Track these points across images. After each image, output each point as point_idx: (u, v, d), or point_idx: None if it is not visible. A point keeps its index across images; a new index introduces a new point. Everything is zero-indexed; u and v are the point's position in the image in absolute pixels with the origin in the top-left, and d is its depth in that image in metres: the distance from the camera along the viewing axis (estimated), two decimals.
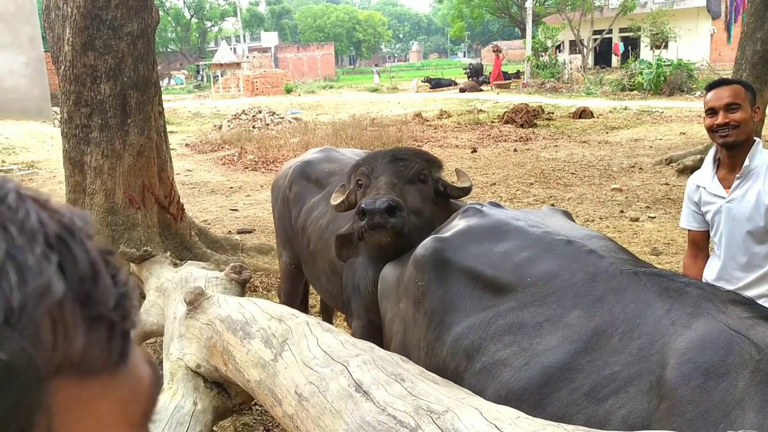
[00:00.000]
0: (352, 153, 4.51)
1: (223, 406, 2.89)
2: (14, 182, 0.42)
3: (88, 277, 0.40)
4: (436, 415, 1.59)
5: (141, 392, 0.45)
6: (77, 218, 0.43)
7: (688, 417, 1.45)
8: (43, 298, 0.37)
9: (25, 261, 0.37)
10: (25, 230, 0.39)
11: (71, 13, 5.43)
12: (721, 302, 1.64)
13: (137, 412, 0.44)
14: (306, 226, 4.02)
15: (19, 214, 0.39)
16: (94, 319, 0.40)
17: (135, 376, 0.44)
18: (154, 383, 0.47)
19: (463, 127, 18.69)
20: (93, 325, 0.40)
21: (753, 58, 10.08)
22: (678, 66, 25.29)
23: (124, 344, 0.43)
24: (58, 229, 0.41)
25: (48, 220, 0.41)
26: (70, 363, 0.38)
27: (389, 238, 2.67)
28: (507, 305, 2.00)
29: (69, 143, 5.80)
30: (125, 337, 0.43)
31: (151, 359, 0.49)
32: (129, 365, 0.43)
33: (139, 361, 0.46)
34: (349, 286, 3.50)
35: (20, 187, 0.42)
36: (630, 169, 11.35)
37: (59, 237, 0.40)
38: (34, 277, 0.37)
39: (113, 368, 0.42)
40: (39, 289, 0.37)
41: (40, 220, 0.40)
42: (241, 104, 26.16)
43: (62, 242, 0.40)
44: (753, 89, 3.15)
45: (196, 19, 72.64)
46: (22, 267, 0.37)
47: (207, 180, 12.42)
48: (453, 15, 54.18)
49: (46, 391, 0.37)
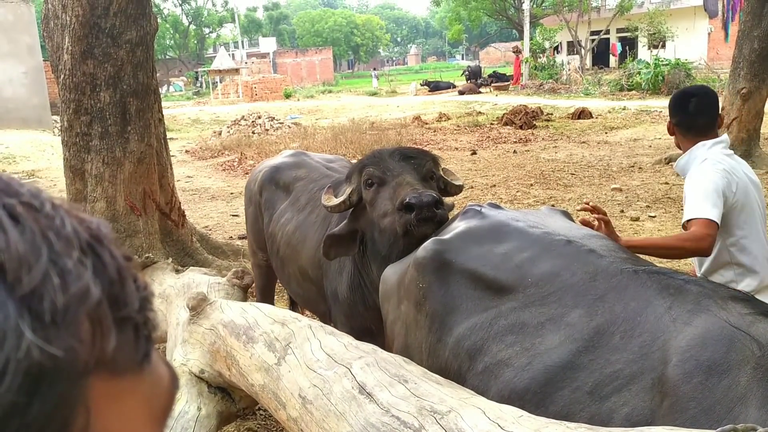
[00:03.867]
0: (321, 158, 4.53)
1: (227, 410, 2.89)
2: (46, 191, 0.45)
3: (116, 281, 0.43)
4: (439, 415, 1.60)
5: (162, 390, 0.48)
6: (102, 226, 0.46)
7: (690, 414, 1.46)
8: (83, 300, 0.40)
9: (65, 266, 0.40)
10: (62, 237, 0.41)
11: (70, 22, 5.44)
12: (722, 299, 1.64)
13: (159, 408, 0.47)
14: (275, 232, 4.07)
15: (56, 222, 0.41)
16: (122, 321, 0.43)
17: (157, 374, 0.47)
18: (172, 382, 0.50)
19: (462, 129, 18.69)
20: (121, 327, 0.43)
21: (750, 56, 10.11)
22: (676, 65, 25.32)
23: (148, 345, 0.46)
24: (89, 237, 0.43)
25: (79, 227, 0.43)
26: (104, 361, 0.41)
27: (434, 229, 2.70)
28: (508, 306, 2.01)
29: (69, 151, 5.82)
30: (148, 339, 0.46)
31: (167, 360, 0.51)
32: (152, 364, 0.46)
33: (159, 362, 0.48)
34: (329, 294, 3.54)
35: (52, 197, 0.44)
36: (629, 168, 11.36)
37: (89, 243, 0.43)
38: (74, 280, 0.40)
39: (139, 367, 0.45)
40: (79, 291, 0.40)
41: (74, 228, 0.42)
42: (241, 110, 26.20)
43: (92, 248, 0.43)
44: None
45: (194, 26, 72.69)
46: (63, 271, 0.40)
47: (207, 186, 12.44)
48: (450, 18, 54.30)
49: (85, 386, 0.40)
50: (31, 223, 0.40)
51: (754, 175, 3.27)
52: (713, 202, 2.95)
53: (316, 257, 3.59)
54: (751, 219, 3.11)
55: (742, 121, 10.25)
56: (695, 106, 3.24)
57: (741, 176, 3.12)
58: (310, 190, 3.94)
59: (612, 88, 27.43)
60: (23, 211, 0.40)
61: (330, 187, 3.35)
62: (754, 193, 3.16)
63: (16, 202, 0.41)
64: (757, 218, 3.13)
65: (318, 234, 3.61)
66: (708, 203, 2.95)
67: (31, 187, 0.44)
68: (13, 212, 0.40)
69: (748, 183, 3.14)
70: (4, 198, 0.41)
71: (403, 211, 2.72)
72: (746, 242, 3.10)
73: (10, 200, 0.41)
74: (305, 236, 3.75)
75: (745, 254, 3.11)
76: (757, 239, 3.12)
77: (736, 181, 3.07)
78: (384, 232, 2.91)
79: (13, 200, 0.41)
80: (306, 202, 3.89)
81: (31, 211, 0.41)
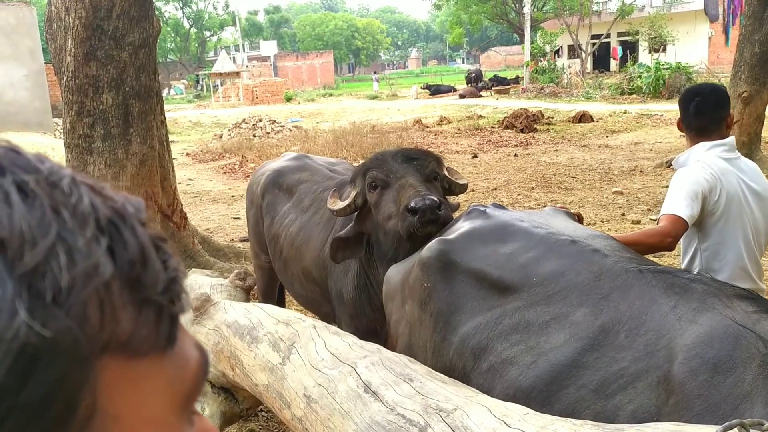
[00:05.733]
0: (324, 161, 4.54)
1: (230, 411, 2.90)
2: (70, 170, 0.43)
3: (137, 262, 0.42)
4: (445, 413, 1.60)
5: (187, 375, 0.46)
6: (130, 205, 0.45)
7: (696, 411, 1.46)
8: (91, 278, 0.38)
9: (75, 243, 0.39)
10: (77, 214, 0.40)
11: (73, 24, 5.46)
12: (727, 297, 1.65)
13: (181, 394, 0.46)
14: (278, 234, 4.06)
15: (72, 199, 0.40)
16: (142, 302, 0.42)
17: (182, 358, 0.46)
18: (202, 367, 0.48)
19: (463, 132, 18.71)
20: (141, 308, 0.41)
21: (751, 60, 10.12)
22: (677, 69, 25.34)
23: (172, 327, 0.44)
24: (110, 214, 0.42)
25: (101, 205, 0.42)
26: (118, 342, 0.40)
27: (438, 229, 2.70)
28: (513, 305, 2.01)
29: (72, 153, 5.82)
30: (173, 321, 0.45)
31: (200, 344, 0.50)
32: (176, 348, 0.45)
33: (187, 345, 0.47)
34: (333, 294, 3.54)
35: (76, 174, 0.43)
36: (631, 172, 11.36)
37: (110, 221, 0.42)
38: (83, 258, 0.38)
39: (160, 350, 0.43)
40: (87, 269, 0.38)
41: (93, 205, 0.41)
42: (241, 113, 26.21)
43: (113, 226, 0.41)
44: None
45: (196, 29, 72.82)
46: (72, 249, 0.38)
47: (209, 189, 12.45)
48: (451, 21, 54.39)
49: (92, 367, 0.38)
50: (44, 199, 0.39)
51: (758, 184, 3.15)
52: (688, 202, 2.93)
53: (320, 258, 3.59)
54: (730, 228, 3.05)
55: (743, 125, 10.25)
56: (695, 106, 3.22)
57: (732, 184, 3.05)
58: (314, 192, 3.94)
59: (613, 92, 27.46)
60: (37, 187, 0.39)
61: (335, 190, 3.36)
62: (743, 203, 3.06)
63: (32, 178, 0.40)
64: (737, 228, 3.05)
65: (322, 235, 3.61)
66: (682, 201, 2.93)
67: (53, 164, 0.43)
68: (24, 188, 0.39)
69: (738, 192, 3.05)
70: (21, 174, 0.40)
71: (406, 214, 2.73)
72: (720, 248, 3.07)
73: (26, 176, 0.40)
74: (309, 237, 3.75)
75: (717, 260, 3.08)
76: (734, 248, 3.06)
77: (722, 187, 3.02)
78: (388, 235, 2.92)
79: (30, 176, 0.40)
80: (310, 203, 3.89)
81: (47, 186, 0.40)
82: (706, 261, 3.11)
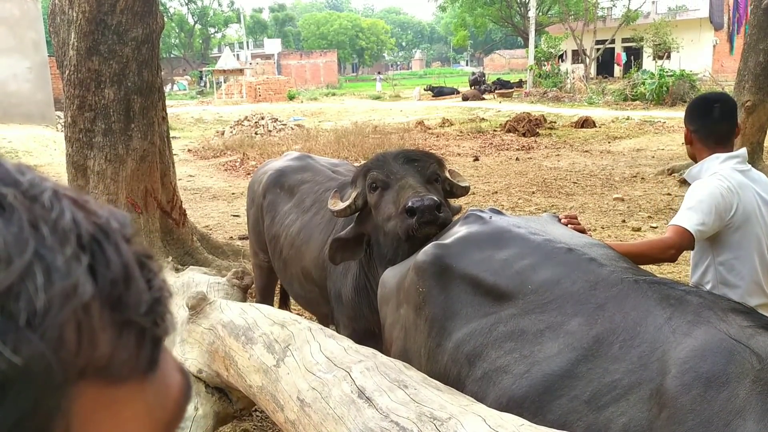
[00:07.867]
0: (326, 162, 4.53)
1: (224, 411, 2.89)
2: (52, 181, 0.41)
3: (119, 281, 0.39)
4: (439, 422, 1.59)
5: (168, 401, 0.44)
6: (115, 220, 0.42)
7: (688, 426, 1.45)
8: (69, 300, 0.36)
9: (53, 261, 0.36)
10: (57, 230, 0.38)
11: (77, 18, 5.45)
12: (722, 311, 1.64)
13: (162, 421, 0.43)
14: (278, 233, 4.06)
15: (52, 214, 0.38)
16: (123, 324, 0.39)
17: (164, 383, 0.44)
18: (184, 393, 0.46)
19: (465, 135, 18.71)
20: (122, 330, 0.39)
21: (756, 69, 10.12)
22: (680, 76, 25.34)
23: (154, 351, 0.42)
24: (93, 230, 0.40)
25: (83, 220, 0.40)
26: (95, 367, 0.38)
27: (438, 231, 2.69)
28: (508, 312, 2.01)
29: (72, 147, 5.82)
30: (156, 344, 0.42)
31: (183, 367, 0.47)
32: (158, 372, 0.42)
33: (169, 369, 0.45)
34: (332, 295, 3.53)
35: (59, 186, 0.41)
36: (632, 178, 11.36)
37: (93, 238, 0.39)
38: (61, 278, 0.36)
39: (141, 375, 0.41)
40: (65, 290, 0.36)
41: (75, 220, 0.39)
42: (244, 110, 26.22)
43: (96, 243, 0.39)
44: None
45: (200, 26, 72.77)
46: (50, 268, 0.36)
47: (209, 186, 12.44)
48: (456, 24, 54.28)
49: (66, 394, 0.36)
50: (22, 214, 0.37)
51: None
52: (699, 216, 2.87)
53: (320, 258, 3.59)
54: (746, 242, 3.00)
55: (745, 135, 10.24)
56: (720, 112, 3.12)
57: (749, 197, 2.99)
58: (316, 192, 3.93)
59: (616, 98, 27.43)
60: (15, 201, 0.37)
61: (336, 191, 3.35)
62: (758, 216, 3.01)
63: (11, 192, 0.37)
64: (752, 241, 3.00)
65: (323, 235, 3.61)
66: (694, 214, 2.88)
67: (35, 176, 0.40)
68: (2, 202, 0.37)
69: (754, 205, 3.00)
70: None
71: (405, 215, 2.72)
72: (736, 263, 3.01)
73: (4, 189, 0.37)
74: (310, 237, 3.74)
75: (733, 275, 3.02)
76: (749, 262, 3.01)
77: (740, 202, 2.96)
78: (388, 236, 2.92)
79: (9, 190, 0.37)
80: (311, 203, 3.89)
81: (26, 200, 0.38)
82: (721, 275, 3.05)
